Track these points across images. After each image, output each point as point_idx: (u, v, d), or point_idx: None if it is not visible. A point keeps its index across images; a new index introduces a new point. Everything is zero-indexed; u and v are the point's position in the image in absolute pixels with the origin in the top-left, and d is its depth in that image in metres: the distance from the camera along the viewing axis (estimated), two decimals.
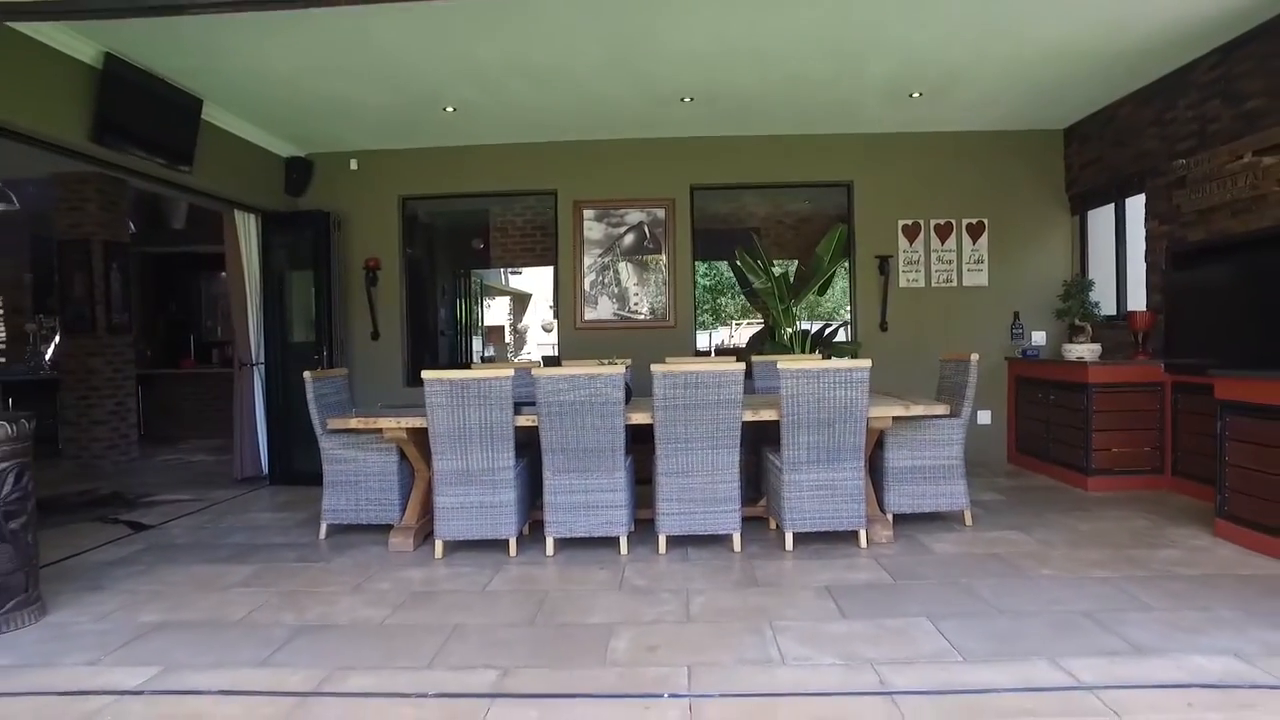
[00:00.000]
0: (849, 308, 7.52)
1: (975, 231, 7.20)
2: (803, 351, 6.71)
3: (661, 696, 2.72)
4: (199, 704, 2.80)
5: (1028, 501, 5.67)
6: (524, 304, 20.84)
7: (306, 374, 5.11)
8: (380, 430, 4.71)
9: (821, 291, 7.51)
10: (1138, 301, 6.45)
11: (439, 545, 4.58)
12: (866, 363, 4.34)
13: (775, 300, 6.77)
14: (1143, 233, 6.29)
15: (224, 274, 11.29)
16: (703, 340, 21.83)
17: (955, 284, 7.21)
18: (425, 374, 4.48)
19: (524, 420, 4.53)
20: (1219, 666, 2.87)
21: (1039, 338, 7.18)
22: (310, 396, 5.07)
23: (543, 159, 7.30)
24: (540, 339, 20.13)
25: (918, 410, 4.55)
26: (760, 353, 6.70)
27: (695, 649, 3.13)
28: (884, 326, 7.20)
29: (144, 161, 5.52)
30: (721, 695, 2.73)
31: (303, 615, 3.69)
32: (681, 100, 6.15)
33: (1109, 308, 6.78)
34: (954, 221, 7.20)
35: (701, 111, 6.45)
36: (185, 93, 5.73)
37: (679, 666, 2.96)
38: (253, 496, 6.62)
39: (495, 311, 18.92)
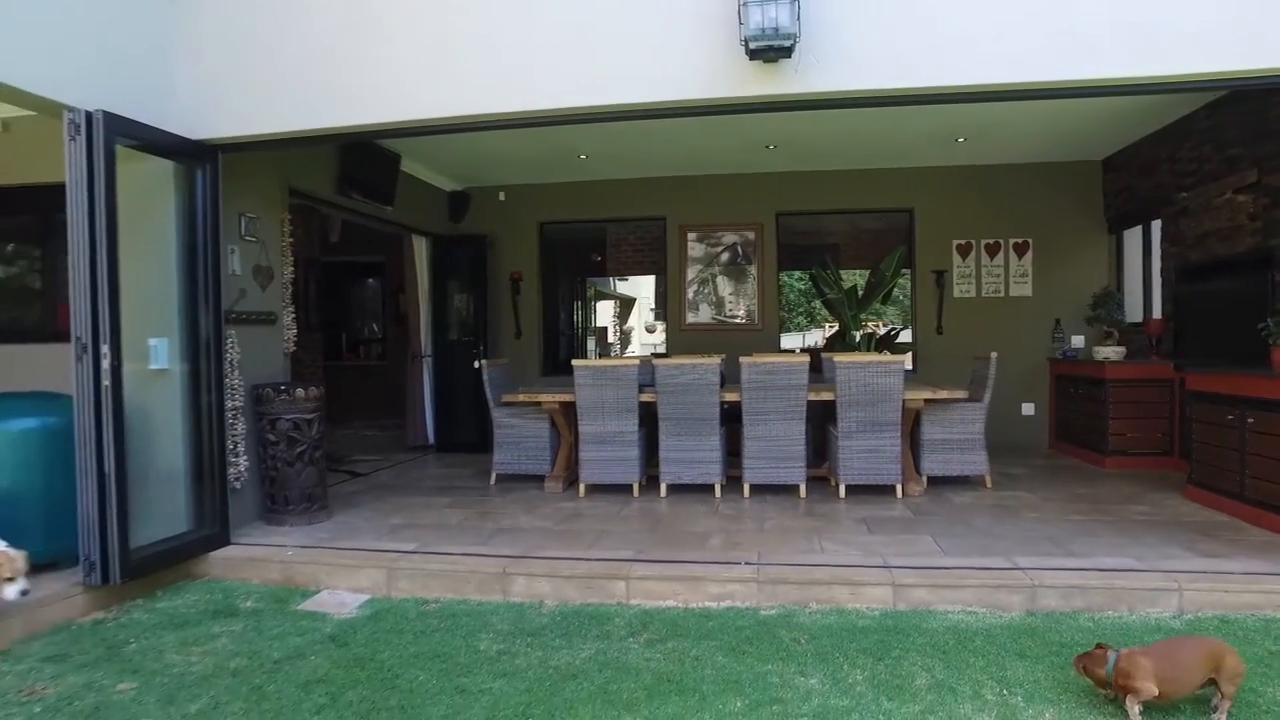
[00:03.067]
0: (911, 314, 8.89)
1: (1021, 249, 8.45)
2: (869, 351, 8.13)
3: (740, 564, 4.33)
4: (450, 560, 4.56)
5: (1047, 474, 6.96)
6: (629, 307, 22.61)
7: (483, 362, 6.94)
8: (539, 403, 6.47)
9: (884, 301, 8.90)
10: (1160, 310, 7.58)
11: (582, 487, 6.30)
12: (901, 358, 5.82)
13: (845, 308, 8.23)
14: (1159, 251, 7.45)
15: (371, 280, 13.51)
16: (796, 340, 23.19)
17: (1003, 294, 8.49)
18: (575, 362, 6.21)
19: (645, 397, 6.20)
20: (1116, 563, 4.25)
21: (1078, 341, 8.35)
22: (485, 379, 6.87)
23: (654, 191, 8.97)
24: (644, 339, 21.82)
25: (943, 395, 5.97)
26: (830, 351, 8.17)
27: (764, 545, 4.71)
28: (940, 330, 8.53)
29: (363, 203, 7.48)
30: (778, 564, 4.30)
31: (497, 523, 5.46)
32: (766, 148, 7.69)
33: (1138, 315, 7.91)
34: (1002, 241, 8.48)
35: (782, 154, 7.97)
36: (391, 151, 7.66)
37: (752, 551, 4.55)
38: (427, 459, 8.54)
39: (603, 314, 20.72)
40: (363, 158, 7.17)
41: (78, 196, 4.14)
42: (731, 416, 6.36)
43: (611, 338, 21.82)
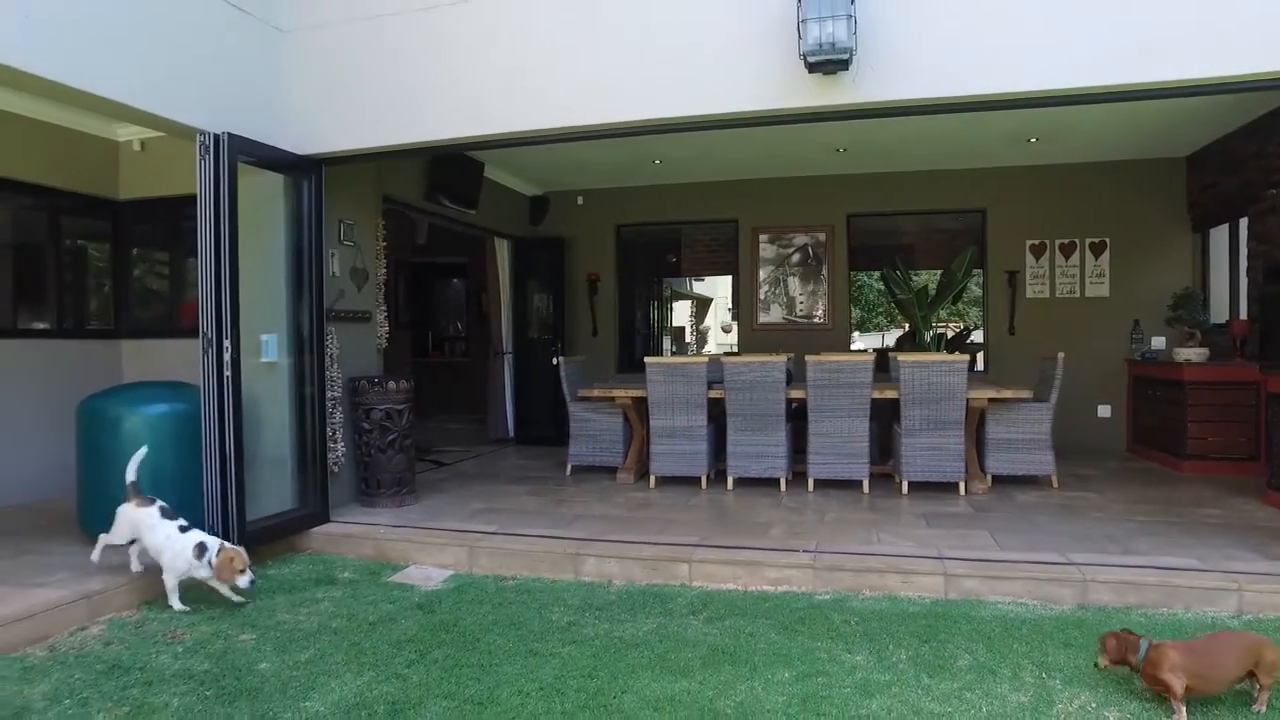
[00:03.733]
0: (983, 315, 8.87)
1: (1098, 249, 8.34)
2: (938, 351, 8.17)
3: (798, 551, 4.55)
4: (527, 541, 4.92)
5: (1120, 477, 6.90)
6: (705, 307, 22.84)
7: (560, 359, 7.32)
8: (613, 398, 6.80)
9: (955, 301, 8.89)
10: (1246, 311, 7.39)
11: (653, 479, 6.61)
12: (964, 357, 5.91)
13: (914, 309, 8.29)
14: (1246, 250, 7.27)
15: (456, 280, 14.11)
16: (874, 340, 23.01)
17: (1078, 295, 8.39)
18: (647, 359, 6.53)
19: (714, 394, 6.46)
20: (1176, 563, 4.29)
21: (1158, 342, 8.19)
22: (562, 374, 7.25)
23: (727, 194, 9.21)
24: (720, 339, 22.02)
25: (1007, 394, 6.04)
26: (900, 350, 8.25)
27: (823, 535, 4.92)
28: (1012, 331, 8.50)
29: (450, 209, 7.97)
30: (834, 552, 4.51)
31: (571, 509, 5.81)
32: (836, 151, 7.84)
33: (1224, 316, 7.72)
34: (1077, 241, 8.38)
35: (853, 157, 8.10)
36: (475, 160, 8.13)
37: (811, 540, 4.77)
38: (507, 450, 8.99)
39: (680, 313, 21.02)
40: (449, 166, 7.65)
41: (207, 209, 4.68)
42: (798, 413, 6.56)
43: (689, 337, 22.11)
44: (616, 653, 3.52)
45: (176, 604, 4.11)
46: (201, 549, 4.07)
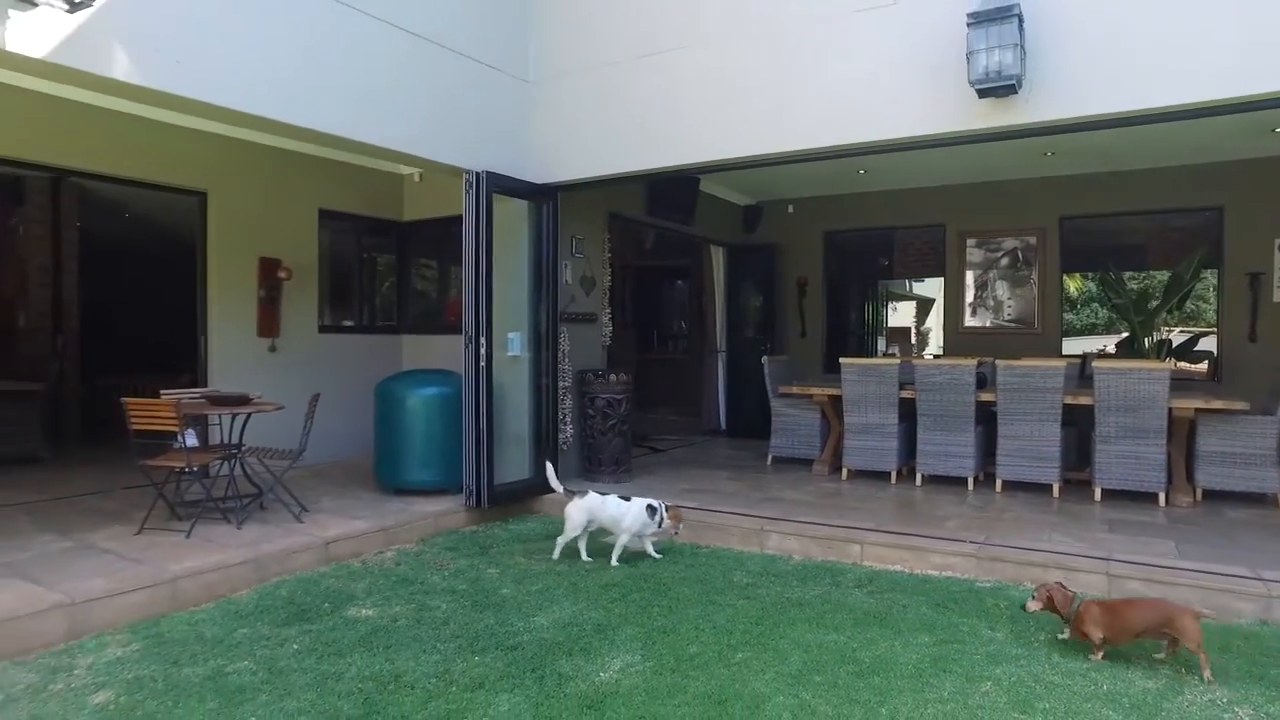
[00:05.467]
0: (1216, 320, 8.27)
1: None
2: (1158, 358, 7.81)
3: (964, 541, 4.89)
4: (721, 517, 5.63)
5: None
6: (927, 308, 22.25)
7: (766, 358, 7.97)
8: (811, 395, 7.34)
9: (1179, 306, 8.37)
10: None
11: (845, 471, 7.08)
12: (1167, 365, 5.81)
13: (1130, 314, 7.97)
14: None
15: (680, 282, 15.08)
16: (1093, 344, 21.25)
17: None
18: (842, 360, 7.01)
19: (906, 394, 6.80)
20: None
21: None
22: (766, 373, 7.89)
23: (933, 199, 9.32)
24: (941, 340, 21.34)
25: (1217, 404, 5.83)
26: (1119, 357, 7.98)
27: (995, 531, 5.18)
28: (1253, 338, 7.89)
29: (669, 221, 8.87)
30: (1000, 545, 4.80)
31: (764, 493, 6.46)
32: (1044, 154, 7.76)
33: None
34: None
35: (1064, 158, 7.94)
36: (691, 177, 8.96)
37: (980, 534, 5.07)
38: (718, 441, 9.77)
39: (901, 315, 20.69)
40: (668, 184, 8.54)
41: (469, 232, 5.88)
42: (992, 415, 6.71)
43: (914, 338, 21.65)
44: (782, 609, 4.15)
45: (615, 560, 4.96)
46: (652, 510, 5.04)
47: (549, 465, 5.35)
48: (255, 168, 7.28)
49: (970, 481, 6.57)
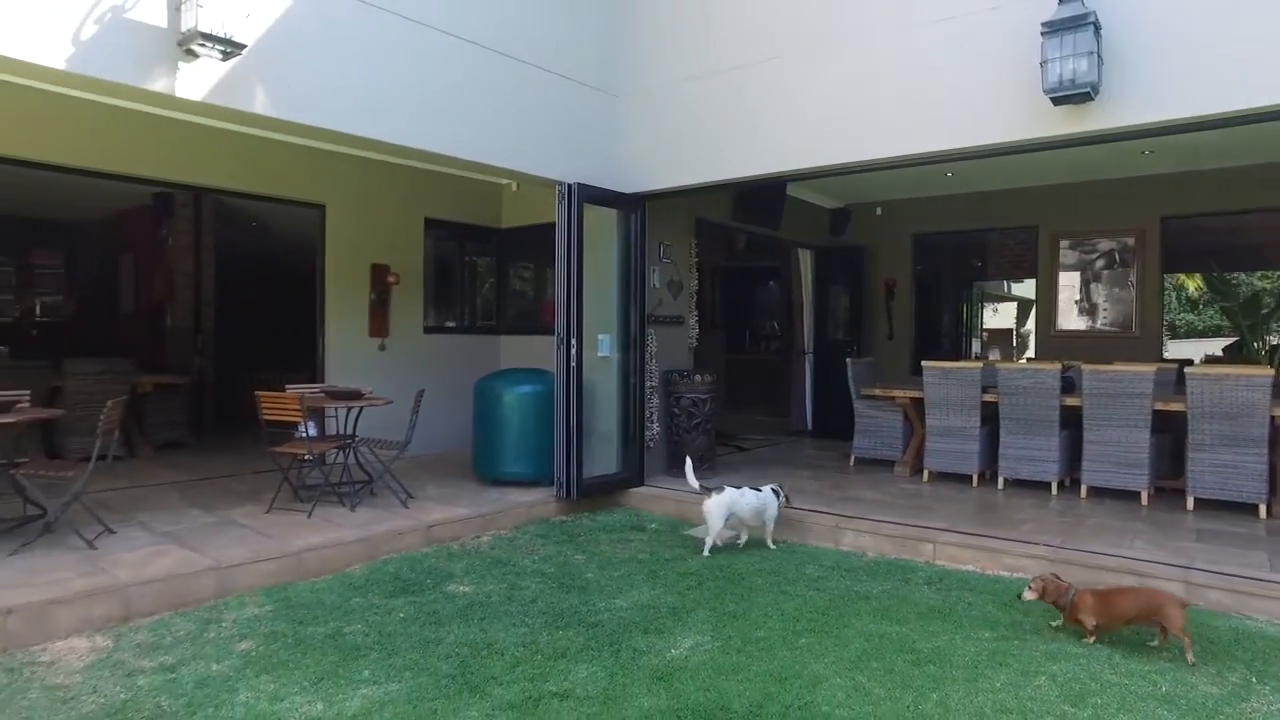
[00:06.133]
0: None
1: None
2: (1271, 365, 7.50)
3: (1038, 544, 4.94)
4: (799, 514, 5.83)
5: None
6: (1028, 310, 21.54)
7: (849, 360, 8.08)
8: (892, 397, 7.42)
9: None
10: None
11: (926, 473, 7.14)
12: (1267, 371, 5.65)
13: (1238, 317, 7.68)
14: None
15: (772, 283, 15.17)
16: (1197, 348, 20.04)
17: None
18: (925, 364, 7.07)
19: (988, 397, 6.81)
20: None
21: None
22: (850, 374, 8.00)
23: (1025, 200, 9.18)
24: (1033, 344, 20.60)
25: None
26: (1219, 361, 7.70)
27: (1073, 536, 5.19)
28: None
29: (755, 226, 9.08)
30: (1073, 549, 4.83)
31: (844, 492, 6.60)
32: (1142, 153, 7.57)
33: None
34: None
35: (1165, 156, 7.71)
36: (778, 182, 9.13)
37: (1055, 537, 5.10)
38: (804, 442, 9.91)
39: (1001, 316, 20.09)
40: (753, 190, 8.73)
41: (561, 240, 6.28)
42: (1080, 420, 6.64)
43: (1014, 340, 21.01)
44: (849, 601, 4.35)
45: (772, 543, 5.46)
46: (776, 493, 5.46)
47: (688, 461, 5.61)
48: (368, 182, 7.91)
49: (1054, 486, 6.53)
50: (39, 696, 3.13)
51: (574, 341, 6.31)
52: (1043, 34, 4.50)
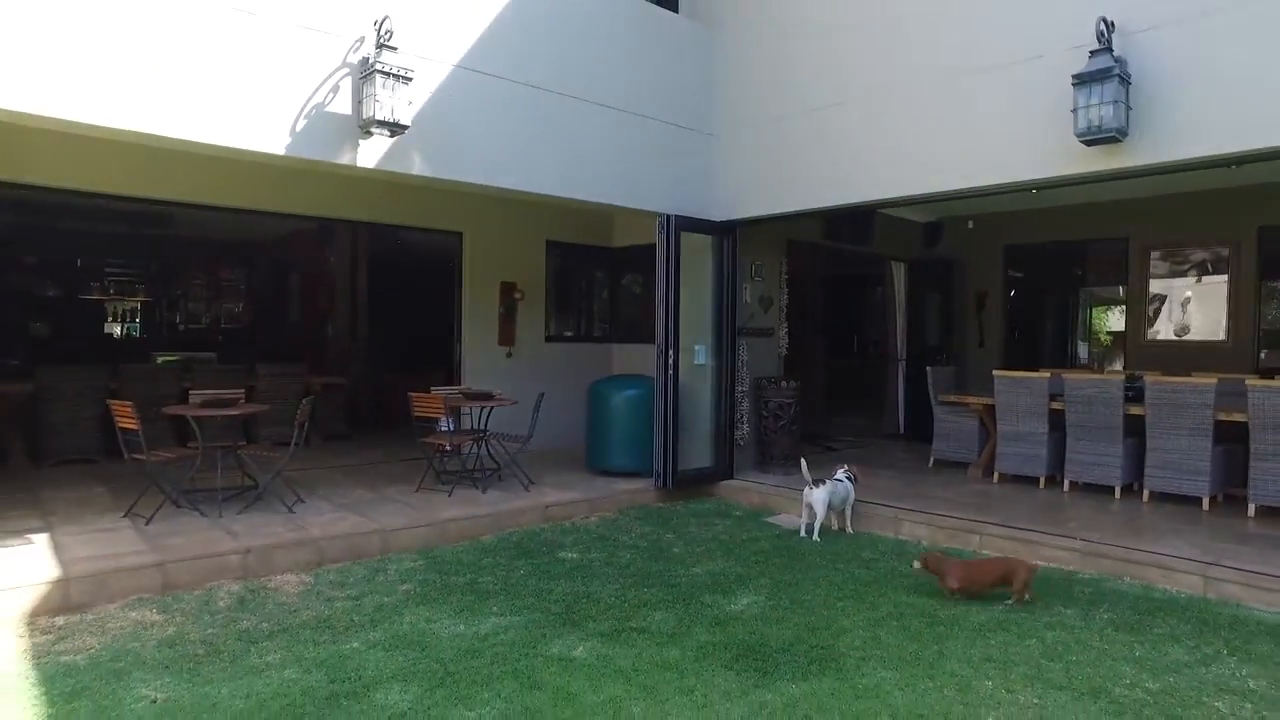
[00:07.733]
0: None
1: None
2: None
3: (1074, 538, 5.51)
4: (868, 506, 6.56)
5: None
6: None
7: (929, 368, 8.67)
8: (967, 403, 7.98)
9: None
10: None
11: (996, 475, 7.67)
12: None
13: None
14: None
15: (869, 291, 15.60)
16: None
17: None
18: (995, 373, 7.62)
19: (1056, 405, 7.29)
20: None
21: None
22: (930, 381, 8.59)
23: (1115, 211, 9.41)
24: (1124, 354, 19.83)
25: None
26: None
27: (1113, 533, 5.70)
28: None
29: (848, 244, 9.76)
30: (1107, 544, 5.37)
31: (917, 490, 7.26)
32: (1229, 166, 7.76)
33: None
34: None
35: (1263, 166, 7.86)
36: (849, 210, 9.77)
37: (1094, 533, 5.63)
38: (894, 444, 10.49)
39: (1114, 321, 19.55)
40: (843, 213, 9.42)
41: (660, 264, 7.26)
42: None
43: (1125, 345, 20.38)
44: (890, 578, 5.11)
45: (850, 529, 6.39)
46: (850, 478, 6.39)
47: (803, 461, 6.43)
48: (498, 211, 9.15)
49: (1118, 490, 6.95)
50: (274, 608, 4.39)
51: (671, 352, 7.28)
52: (1073, 84, 5.10)
